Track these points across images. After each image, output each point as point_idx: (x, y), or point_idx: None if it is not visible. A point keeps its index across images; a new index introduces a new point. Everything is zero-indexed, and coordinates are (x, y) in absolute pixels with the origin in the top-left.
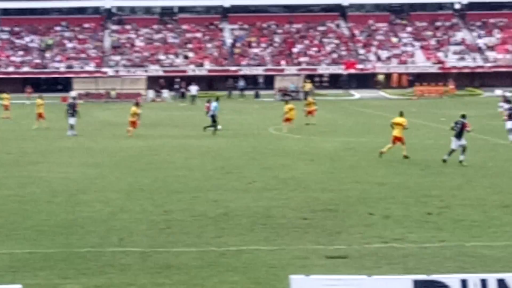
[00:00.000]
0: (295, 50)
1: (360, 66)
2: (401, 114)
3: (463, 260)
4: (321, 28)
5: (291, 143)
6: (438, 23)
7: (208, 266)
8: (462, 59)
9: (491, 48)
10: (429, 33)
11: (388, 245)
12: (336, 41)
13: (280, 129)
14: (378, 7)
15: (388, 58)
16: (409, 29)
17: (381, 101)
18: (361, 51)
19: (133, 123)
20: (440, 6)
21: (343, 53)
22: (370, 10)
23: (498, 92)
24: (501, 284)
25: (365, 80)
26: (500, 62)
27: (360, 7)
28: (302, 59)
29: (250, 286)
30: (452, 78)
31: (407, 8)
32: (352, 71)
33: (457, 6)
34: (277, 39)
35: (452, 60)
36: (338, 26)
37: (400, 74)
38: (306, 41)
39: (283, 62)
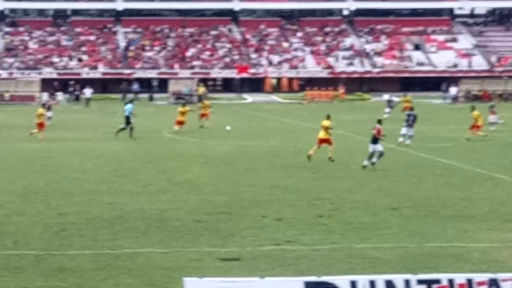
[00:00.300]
0: (188, 54)
1: (252, 70)
2: (327, 117)
3: (353, 261)
4: (213, 33)
5: (186, 146)
6: (328, 29)
7: (102, 269)
8: (351, 64)
9: (378, 53)
10: (319, 38)
11: (281, 247)
12: (229, 46)
13: (175, 132)
14: (269, 12)
15: (280, 62)
16: (299, 34)
17: (273, 105)
18: (253, 56)
19: (40, 125)
20: (329, 12)
21: (236, 57)
22: (262, 15)
23: (386, 96)
24: (389, 285)
25: (258, 84)
26: (388, 67)
27: (252, 12)
28: (195, 62)
29: None
30: (342, 83)
31: (297, 14)
32: (244, 75)
33: (345, 13)
34: (170, 42)
35: (341, 65)
36: (230, 30)
37: (290, 79)
38: (199, 45)
39: (176, 65)
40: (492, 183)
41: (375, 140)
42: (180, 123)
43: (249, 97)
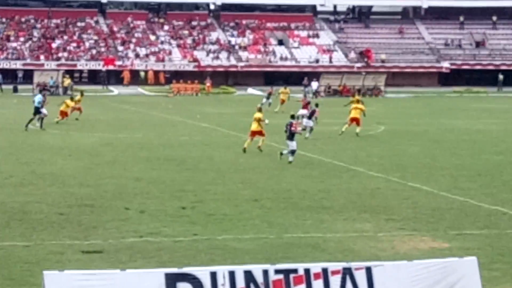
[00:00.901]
0: (54, 45)
1: (119, 62)
2: (259, 110)
3: (214, 252)
4: (80, 24)
5: (50, 138)
6: (194, 23)
7: None
8: (217, 58)
9: (243, 48)
10: (186, 32)
11: (143, 239)
12: (95, 37)
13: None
14: (136, 5)
15: (147, 55)
16: (166, 27)
17: (139, 98)
18: (120, 48)
19: None
20: (196, 6)
21: (102, 49)
22: (129, 7)
23: (251, 90)
24: (248, 275)
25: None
26: (252, 61)
27: (119, 4)
28: (61, 54)
29: (4, 282)
30: (209, 76)
31: (164, 7)
32: (111, 67)
33: (212, 7)
34: (36, 33)
35: (207, 59)
36: (97, 22)
37: (156, 71)
38: (65, 37)
39: (42, 57)
40: (349, 175)
41: (291, 137)
42: (64, 114)
43: (115, 90)
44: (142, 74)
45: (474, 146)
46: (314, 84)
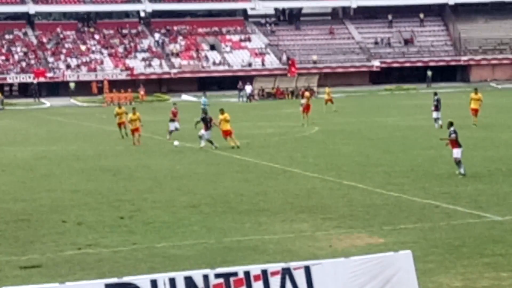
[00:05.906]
0: None
1: (49, 74)
2: (223, 111)
3: (154, 261)
4: (8, 37)
5: None
6: (125, 31)
7: None
8: (149, 65)
9: (176, 54)
10: (117, 40)
11: (82, 251)
12: (25, 50)
13: None
14: (65, 15)
15: (78, 66)
16: (97, 37)
17: (72, 109)
18: (50, 59)
19: None
20: (126, 14)
21: (32, 61)
22: (58, 18)
23: (185, 97)
24: (188, 281)
25: (56, 88)
26: (185, 68)
27: (48, 15)
28: None
29: None
30: (142, 84)
31: (94, 16)
32: (42, 79)
33: (142, 14)
34: None
35: (140, 67)
36: (25, 34)
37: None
38: None
39: None
40: (285, 177)
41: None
42: None
43: (48, 102)
44: (72, 85)
45: (406, 142)
46: (248, 88)
